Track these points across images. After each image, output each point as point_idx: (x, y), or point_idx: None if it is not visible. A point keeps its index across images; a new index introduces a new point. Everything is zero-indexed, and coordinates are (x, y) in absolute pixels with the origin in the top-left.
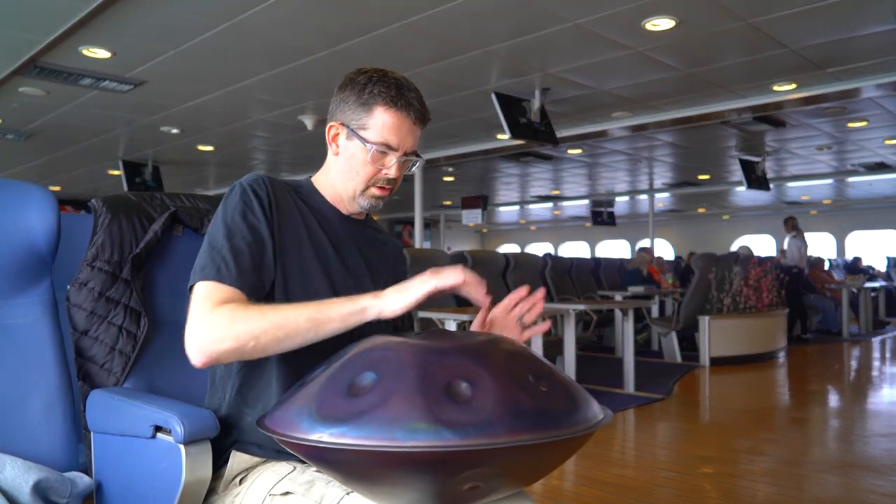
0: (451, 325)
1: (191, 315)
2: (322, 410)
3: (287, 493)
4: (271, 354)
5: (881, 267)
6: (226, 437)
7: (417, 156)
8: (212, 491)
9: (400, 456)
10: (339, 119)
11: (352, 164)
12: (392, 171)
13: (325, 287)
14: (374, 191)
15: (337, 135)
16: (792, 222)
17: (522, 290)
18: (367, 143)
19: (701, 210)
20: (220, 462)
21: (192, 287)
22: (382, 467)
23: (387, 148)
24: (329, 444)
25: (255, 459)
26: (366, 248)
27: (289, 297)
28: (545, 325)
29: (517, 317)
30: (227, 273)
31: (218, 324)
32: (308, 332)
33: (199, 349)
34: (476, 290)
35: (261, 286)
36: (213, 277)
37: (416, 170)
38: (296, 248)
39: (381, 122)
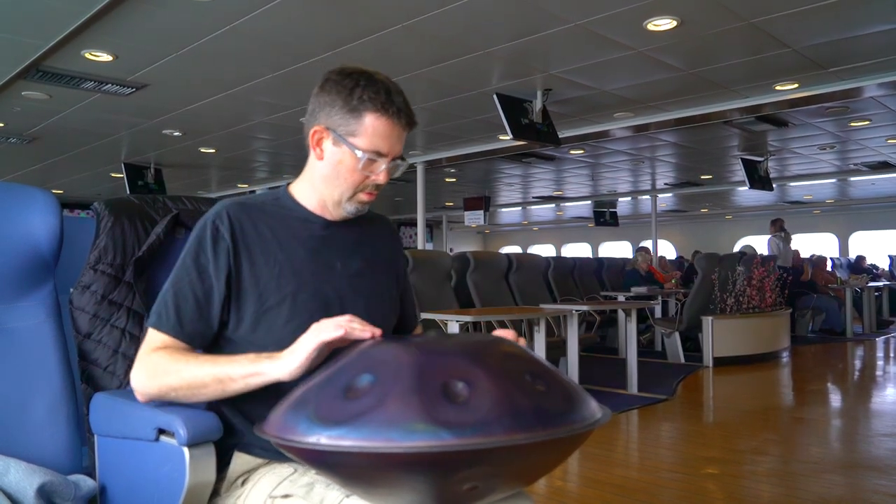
0: (454, 327)
1: (136, 356)
2: (320, 412)
3: (287, 496)
4: (194, 402)
5: (884, 266)
6: (228, 439)
7: (403, 159)
8: (214, 492)
9: (398, 457)
10: (325, 123)
11: (339, 170)
12: (381, 178)
13: (313, 304)
14: (362, 196)
15: (322, 139)
16: (779, 223)
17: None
18: (357, 150)
19: (704, 210)
20: (222, 463)
21: None
22: (381, 469)
23: (377, 155)
24: (326, 446)
25: (258, 461)
26: (356, 249)
27: (272, 323)
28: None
29: None
30: (166, 321)
31: (147, 373)
32: (216, 390)
33: (135, 391)
34: (360, 336)
35: (203, 331)
36: (153, 325)
37: (402, 170)
38: (274, 273)
39: (372, 130)
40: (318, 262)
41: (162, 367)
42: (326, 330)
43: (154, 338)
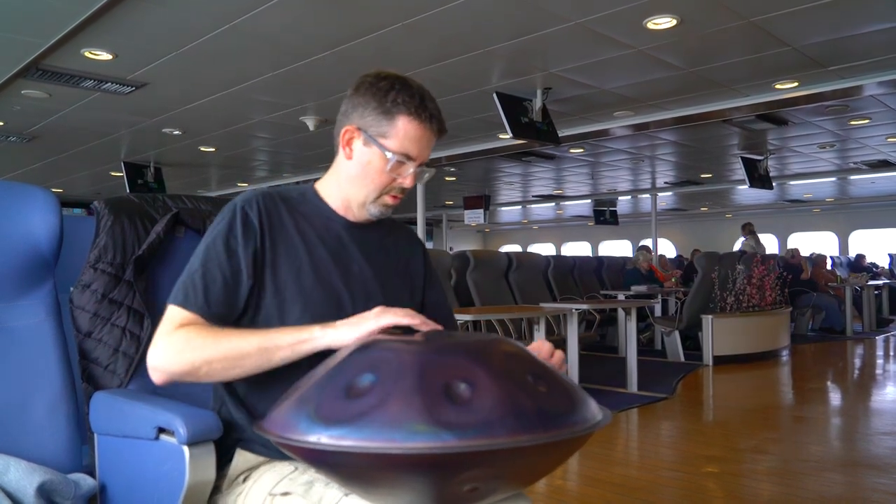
0: None
1: (155, 335)
2: (320, 412)
3: (286, 494)
4: (225, 380)
5: (884, 265)
6: (230, 436)
7: (429, 166)
8: (216, 489)
9: (399, 458)
10: (357, 123)
11: (367, 170)
12: (407, 181)
13: (328, 303)
14: (387, 199)
15: (352, 139)
16: (749, 227)
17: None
18: (387, 151)
19: (704, 209)
20: (225, 460)
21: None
22: (381, 469)
23: (406, 158)
24: (327, 446)
25: (260, 458)
26: (374, 253)
27: (285, 317)
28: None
29: None
30: (194, 300)
31: (174, 348)
32: (259, 360)
33: (155, 370)
34: (424, 328)
35: (225, 314)
36: (180, 302)
37: (427, 177)
38: (293, 267)
39: (404, 133)
40: (336, 262)
41: (195, 340)
42: (397, 314)
43: (178, 315)
